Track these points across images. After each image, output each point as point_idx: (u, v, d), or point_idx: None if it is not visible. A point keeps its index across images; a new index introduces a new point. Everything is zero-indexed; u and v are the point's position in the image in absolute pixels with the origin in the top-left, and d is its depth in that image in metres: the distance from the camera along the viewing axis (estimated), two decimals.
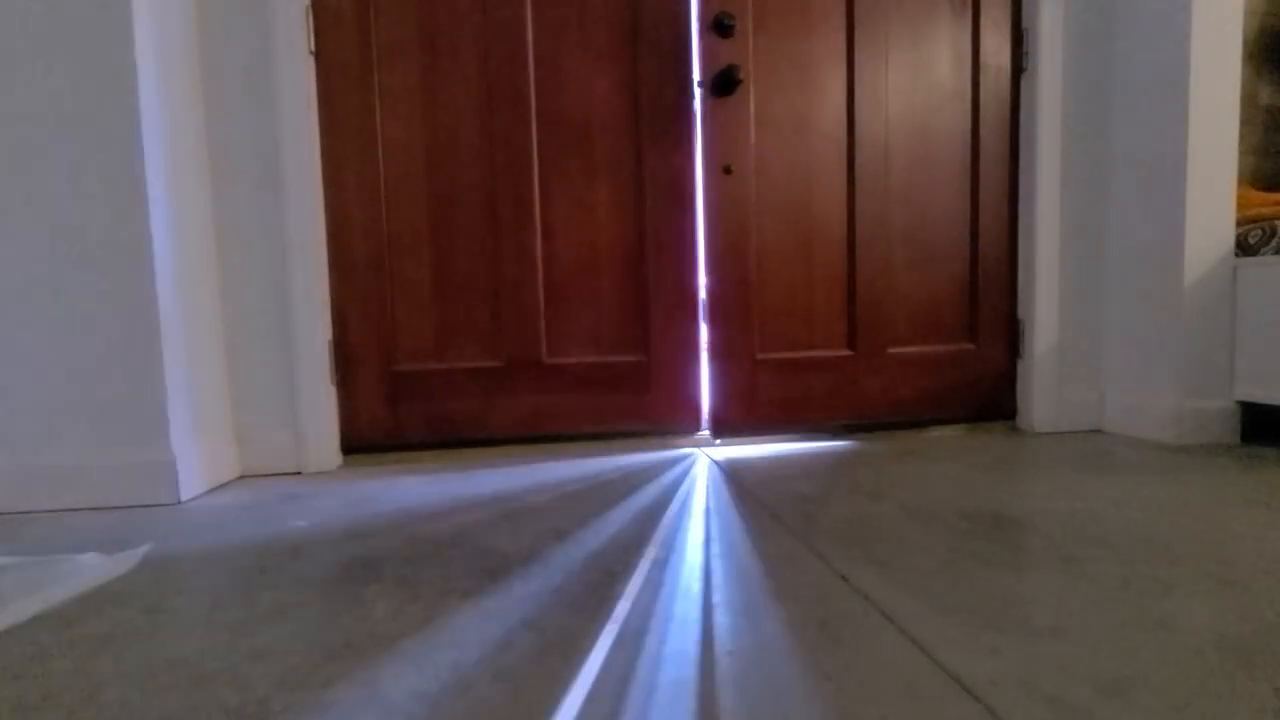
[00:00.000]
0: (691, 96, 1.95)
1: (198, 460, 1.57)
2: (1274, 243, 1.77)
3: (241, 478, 1.74)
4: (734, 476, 1.61)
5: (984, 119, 2.00)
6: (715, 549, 1.13)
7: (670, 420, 2.01)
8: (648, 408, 1.99)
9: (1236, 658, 0.75)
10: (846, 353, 1.99)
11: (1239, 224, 1.84)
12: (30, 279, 1.46)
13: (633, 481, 1.59)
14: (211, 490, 1.62)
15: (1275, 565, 1.00)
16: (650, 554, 1.11)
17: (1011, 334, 2.06)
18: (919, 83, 1.98)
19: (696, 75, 1.89)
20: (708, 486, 1.52)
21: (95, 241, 1.46)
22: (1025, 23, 1.98)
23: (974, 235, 2.03)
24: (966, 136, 2.01)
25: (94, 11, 1.43)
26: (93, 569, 1.09)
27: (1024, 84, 2.00)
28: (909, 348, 2.03)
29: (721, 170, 1.90)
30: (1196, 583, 0.95)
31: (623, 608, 0.91)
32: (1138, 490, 1.41)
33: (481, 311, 1.92)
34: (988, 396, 2.07)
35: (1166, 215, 1.85)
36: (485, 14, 1.87)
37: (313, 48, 1.78)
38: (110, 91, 1.44)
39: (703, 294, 1.99)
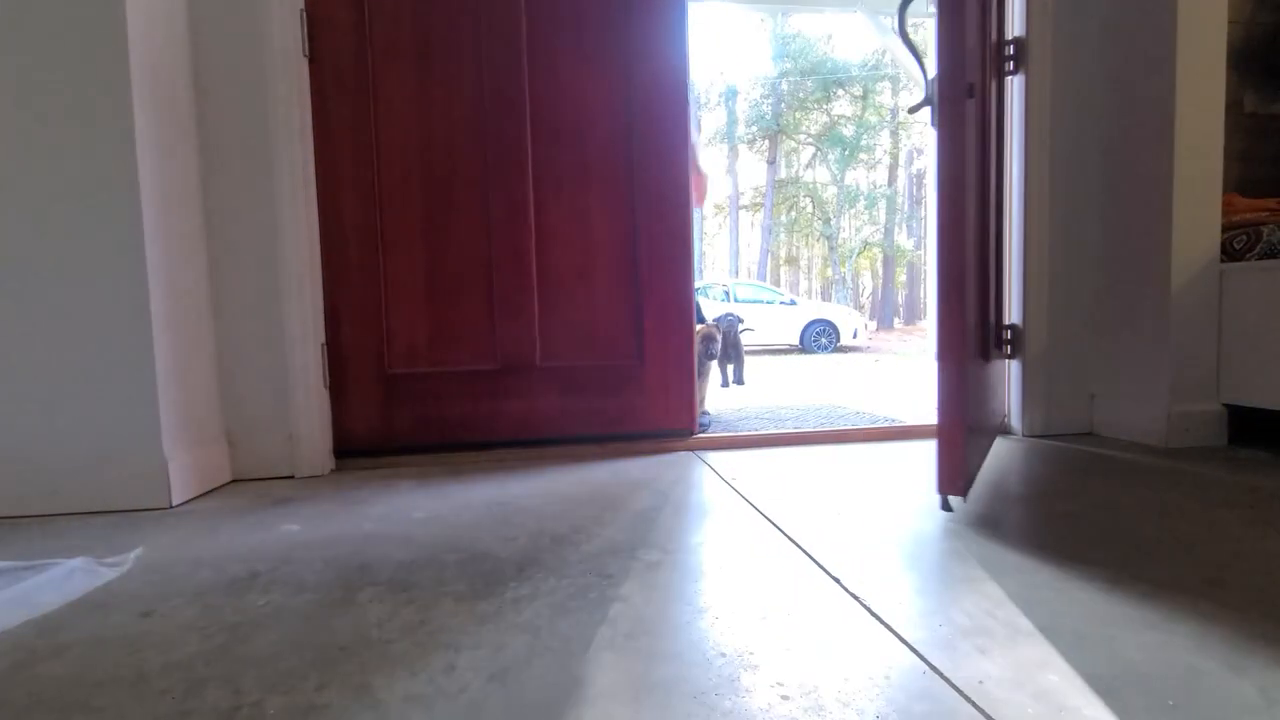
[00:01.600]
0: (686, 100, 1.97)
1: (189, 464, 1.57)
2: (1259, 248, 1.80)
3: (233, 482, 1.73)
4: None
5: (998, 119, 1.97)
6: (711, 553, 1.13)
7: (664, 424, 2.01)
8: (642, 411, 2.00)
9: (1223, 657, 0.76)
10: (981, 361, 1.62)
11: (1224, 230, 1.87)
12: (22, 285, 1.45)
13: (628, 484, 1.59)
14: (203, 494, 1.61)
15: (1259, 566, 1.02)
16: (645, 556, 1.11)
17: (1002, 339, 2.08)
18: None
19: None
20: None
21: (87, 245, 1.46)
22: (1015, 29, 2.00)
23: (990, 236, 1.97)
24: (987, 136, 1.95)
25: (88, 14, 1.43)
26: (84, 574, 1.08)
27: (1013, 89, 2.01)
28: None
29: (965, 91, 1.28)
30: (1183, 583, 0.96)
31: (618, 610, 0.91)
32: (1127, 493, 1.43)
33: (475, 314, 1.92)
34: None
35: (1153, 221, 1.87)
36: (480, 18, 1.87)
37: (307, 51, 1.78)
38: (104, 96, 1.44)
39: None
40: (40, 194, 1.45)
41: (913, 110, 1.51)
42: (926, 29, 7.73)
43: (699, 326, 2.61)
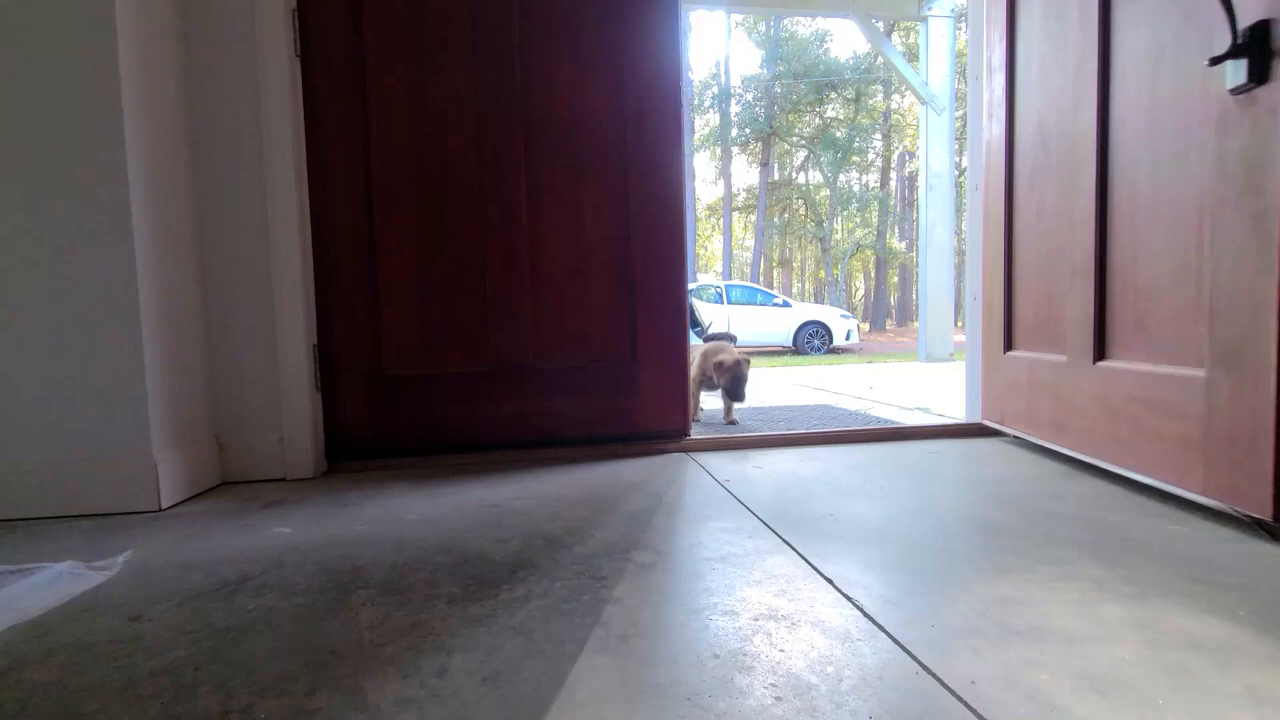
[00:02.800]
0: (680, 102, 1.97)
1: (179, 467, 1.55)
2: None
3: (224, 484, 1.72)
4: None
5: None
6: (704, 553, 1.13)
7: (658, 425, 2.01)
8: (635, 413, 2.00)
9: (1212, 657, 0.76)
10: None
11: None
12: (10, 285, 1.44)
13: (621, 486, 1.59)
14: (193, 497, 1.60)
15: (1248, 566, 1.02)
16: (639, 558, 1.11)
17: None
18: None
19: None
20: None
21: (77, 246, 1.44)
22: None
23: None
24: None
25: (78, 11, 1.42)
26: (72, 577, 1.07)
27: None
28: None
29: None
30: (1174, 584, 0.97)
31: (611, 612, 0.91)
32: (1119, 493, 1.43)
33: (468, 315, 1.92)
34: None
35: None
36: (474, 20, 1.87)
37: (298, 51, 1.77)
38: (93, 93, 1.43)
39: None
40: (29, 192, 1.43)
41: (1214, 62, 1.16)
42: (920, 34, 7.79)
43: (725, 356, 2.45)
